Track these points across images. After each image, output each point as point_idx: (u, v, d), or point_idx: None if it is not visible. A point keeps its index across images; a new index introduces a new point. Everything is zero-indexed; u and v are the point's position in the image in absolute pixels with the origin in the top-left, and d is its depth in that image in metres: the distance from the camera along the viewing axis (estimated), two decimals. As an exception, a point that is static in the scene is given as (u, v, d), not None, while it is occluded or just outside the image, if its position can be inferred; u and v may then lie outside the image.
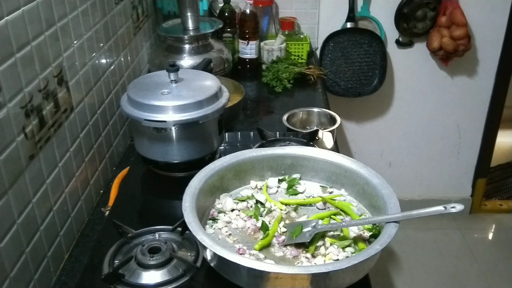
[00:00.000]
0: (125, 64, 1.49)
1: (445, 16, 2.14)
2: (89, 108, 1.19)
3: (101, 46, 1.28)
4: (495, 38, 2.28)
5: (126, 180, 1.24)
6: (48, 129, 0.98)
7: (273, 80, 1.82)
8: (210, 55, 1.67)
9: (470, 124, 2.51)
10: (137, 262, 0.91)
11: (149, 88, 1.16)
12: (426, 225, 2.63)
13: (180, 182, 1.04)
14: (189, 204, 0.91)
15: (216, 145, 1.23)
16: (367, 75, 2.25)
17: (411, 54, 2.32)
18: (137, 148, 1.22)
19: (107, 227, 1.06)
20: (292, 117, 1.49)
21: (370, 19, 2.21)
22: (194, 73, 1.28)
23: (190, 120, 1.11)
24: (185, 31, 1.70)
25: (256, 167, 1.09)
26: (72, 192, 1.09)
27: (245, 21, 1.89)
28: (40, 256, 0.96)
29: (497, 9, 2.21)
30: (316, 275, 0.77)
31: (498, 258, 2.43)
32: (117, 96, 1.39)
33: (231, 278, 0.84)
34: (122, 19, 1.47)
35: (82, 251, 1.07)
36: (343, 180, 1.06)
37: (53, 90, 1.00)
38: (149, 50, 1.78)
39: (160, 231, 1.00)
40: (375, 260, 0.85)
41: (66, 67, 1.07)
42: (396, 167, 2.64)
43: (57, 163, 1.02)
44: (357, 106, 2.42)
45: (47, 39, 0.98)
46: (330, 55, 2.20)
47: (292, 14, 2.14)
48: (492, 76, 2.37)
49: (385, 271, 2.35)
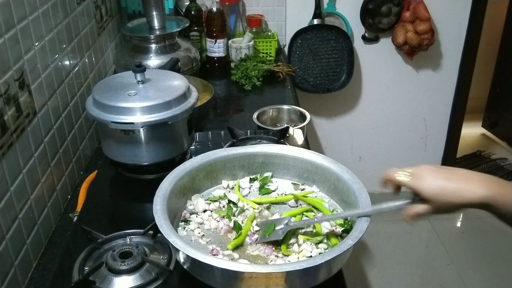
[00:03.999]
0: (89, 66, 1.46)
1: (409, 11, 2.18)
2: (53, 112, 1.16)
3: (63, 47, 1.25)
4: (458, 32, 2.34)
5: (94, 184, 1.22)
6: (10, 134, 0.95)
7: (242, 78, 1.81)
8: (177, 54, 1.65)
9: (436, 116, 2.57)
10: (108, 268, 0.89)
11: (116, 90, 1.14)
12: (396, 217, 2.66)
13: (150, 184, 1.02)
14: (160, 207, 0.89)
15: (186, 146, 1.22)
16: (335, 71, 2.27)
17: (377, 49, 2.35)
18: (105, 151, 1.20)
19: (76, 233, 1.04)
20: (262, 115, 1.49)
21: (337, 15, 2.24)
22: (161, 73, 1.26)
23: (158, 121, 1.09)
24: (151, 30, 1.67)
25: (228, 167, 1.09)
26: (38, 199, 1.06)
27: (212, 19, 1.88)
28: (7, 266, 0.93)
29: (459, 3, 2.27)
30: (290, 273, 0.77)
31: (467, 246, 2.50)
32: (82, 98, 1.36)
33: (205, 279, 0.83)
34: (85, 19, 1.43)
35: (51, 259, 1.04)
36: (314, 176, 1.07)
37: (15, 94, 0.97)
38: (114, 50, 1.75)
39: (131, 235, 0.98)
40: (348, 255, 0.86)
41: (28, 70, 1.03)
42: (366, 161, 2.68)
43: (21, 170, 0.99)
44: (326, 102, 2.45)
45: (7, 41, 0.94)
46: (298, 52, 2.21)
47: (259, 12, 2.14)
48: (456, 69, 2.43)
49: (358, 265, 2.38)
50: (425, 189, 0.76)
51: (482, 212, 0.74)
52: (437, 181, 0.75)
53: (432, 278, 2.31)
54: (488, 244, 2.50)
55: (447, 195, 0.73)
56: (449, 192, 0.73)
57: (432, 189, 0.75)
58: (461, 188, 0.72)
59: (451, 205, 0.73)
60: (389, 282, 2.29)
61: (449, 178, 0.74)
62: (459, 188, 0.72)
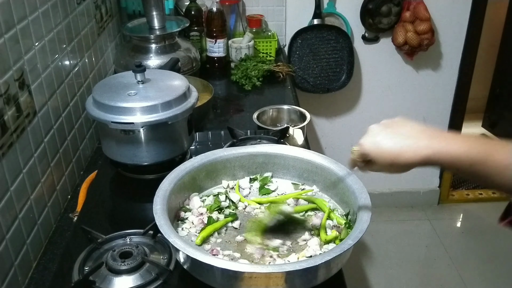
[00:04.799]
0: (89, 66, 1.45)
1: (409, 11, 2.18)
2: (53, 112, 1.16)
3: (63, 47, 1.25)
4: (458, 32, 2.33)
5: (95, 184, 1.22)
6: (11, 134, 0.95)
7: (242, 78, 1.81)
8: (177, 54, 1.65)
9: (436, 116, 2.56)
10: (108, 268, 0.89)
11: (116, 90, 1.14)
12: (396, 217, 2.68)
13: (150, 184, 1.02)
14: (160, 207, 0.89)
15: (187, 146, 1.22)
16: (335, 71, 2.27)
17: (377, 49, 2.35)
18: (105, 151, 1.20)
19: (76, 233, 1.04)
20: (262, 115, 1.49)
21: (337, 15, 2.23)
22: (162, 73, 1.26)
23: (158, 121, 1.09)
24: (151, 30, 1.67)
25: (228, 167, 1.09)
26: (38, 199, 1.06)
27: (212, 19, 1.88)
28: (7, 266, 0.93)
29: (459, 3, 2.26)
30: (290, 273, 0.77)
31: (467, 246, 2.50)
32: (82, 98, 1.36)
33: (205, 279, 0.83)
34: (85, 20, 1.43)
35: (51, 259, 1.04)
36: (314, 176, 1.07)
37: (15, 94, 0.97)
38: (114, 50, 1.75)
39: (131, 235, 0.98)
40: (348, 255, 0.86)
41: (28, 70, 1.03)
42: (366, 161, 2.68)
43: (21, 170, 0.99)
44: (326, 102, 2.44)
45: (7, 41, 0.94)
46: (298, 52, 2.21)
47: (259, 12, 2.14)
48: (456, 69, 2.43)
49: (358, 265, 2.38)
50: (371, 155, 0.76)
51: (482, 212, 0.74)
52: (379, 144, 0.75)
53: (432, 278, 2.31)
54: (488, 244, 2.50)
55: (390, 156, 0.73)
56: (392, 155, 0.73)
57: (376, 154, 0.75)
58: (403, 150, 0.72)
59: (397, 166, 0.73)
60: (389, 282, 2.29)
61: (392, 139, 0.74)
62: (401, 150, 0.72)
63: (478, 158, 0.66)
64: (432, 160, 0.70)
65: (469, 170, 0.67)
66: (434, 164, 0.70)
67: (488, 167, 0.65)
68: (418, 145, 0.70)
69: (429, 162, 0.70)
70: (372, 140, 0.76)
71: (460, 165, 0.68)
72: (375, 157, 0.75)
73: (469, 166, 0.67)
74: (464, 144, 0.68)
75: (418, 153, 0.70)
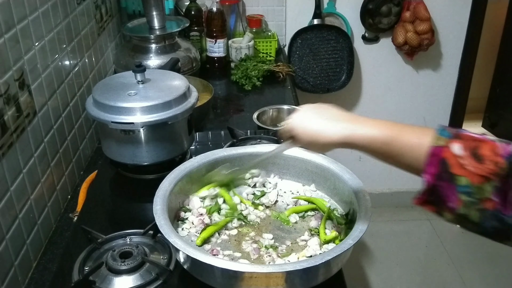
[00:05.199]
0: (89, 66, 1.45)
1: (409, 11, 2.18)
2: (53, 112, 1.16)
3: (63, 47, 1.25)
4: (458, 32, 2.33)
5: (94, 184, 1.22)
6: (11, 134, 0.95)
7: (242, 78, 1.81)
8: (177, 54, 1.65)
9: (436, 116, 2.56)
10: (108, 268, 0.89)
11: (116, 90, 1.14)
12: (396, 217, 2.68)
13: (150, 184, 1.02)
14: (160, 207, 0.89)
15: (187, 146, 1.22)
16: (335, 71, 2.27)
17: (377, 49, 2.35)
18: (105, 151, 1.20)
19: (76, 233, 1.04)
20: (262, 115, 1.49)
21: (337, 15, 2.23)
22: (162, 73, 1.26)
23: (158, 121, 1.09)
24: (151, 30, 1.67)
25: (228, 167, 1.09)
26: (38, 199, 1.06)
27: (212, 19, 1.88)
28: (7, 266, 0.93)
29: (459, 3, 2.26)
30: (290, 273, 0.77)
31: (466, 246, 2.50)
32: (82, 98, 1.36)
33: (205, 279, 0.83)
34: (85, 20, 1.43)
35: (51, 259, 1.04)
36: (314, 176, 1.07)
37: (15, 94, 0.97)
38: (114, 50, 1.75)
39: (131, 235, 0.98)
40: (348, 255, 0.86)
41: (28, 70, 1.03)
42: (366, 161, 2.67)
43: (21, 170, 0.99)
44: (326, 102, 2.39)
45: (7, 41, 0.94)
46: (298, 52, 2.21)
47: (259, 12, 2.14)
48: (456, 69, 2.43)
49: (358, 265, 2.38)
50: (294, 131, 0.82)
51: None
52: (303, 123, 0.81)
53: (432, 278, 2.31)
54: (488, 244, 2.46)
55: (310, 135, 0.79)
56: (313, 134, 0.79)
57: (298, 131, 0.81)
58: (323, 130, 0.77)
59: (316, 144, 0.79)
60: (389, 282, 2.29)
61: (316, 119, 0.80)
62: (321, 130, 0.78)
63: (388, 138, 0.71)
64: (348, 141, 0.75)
65: (381, 150, 0.72)
66: (350, 145, 0.75)
67: (397, 146, 0.71)
68: (336, 127, 0.76)
69: (346, 143, 0.75)
70: (298, 118, 0.82)
71: (373, 146, 0.73)
72: (298, 134, 0.81)
73: (381, 145, 0.72)
74: (376, 126, 0.73)
75: (335, 134, 0.76)
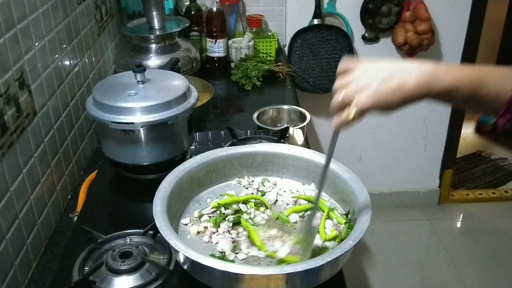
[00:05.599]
0: (89, 66, 1.45)
1: (409, 11, 2.18)
2: (53, 112, 1.16)
3: (63, 47, 1.25)
4: (458, 32, 2.33)
5: (95, 184, 1.22)
6: (11, 134, 0.95)
7: (242, 78, 1.81)
8: (177, 54, 1.65)
9: (436, 117, 2.56)
10: (108, 268, 0.89)
11: (116, 90, 1.14)
12: (396, 217, 2.68)
13: (150, 184, 1.02)
14: (160, 208, 0.89)
15: (187, 146, 1.22)
16: (335, 71, 2.23)
17: (377, 49, 2.35)
18: (105, 151, 1.20)
19: (76, 233, 1.03)
20: (262, 115, 1.49)
21: (337, 15, 2.23)
22: (162, 73, 1.26)
23: (158, 121, 1.09)
24: (151, 30, 1.67)
25: (227, 166, 1.09)
26: (38, 199, 1.06)
27: (212, 19, 1.88)
28: (7, 266, 0.93)
29: (459, 3, 2.26)
30: (291, 274, 0.77)
31: (466, 246, 2.50)
32: (82, 98, 1.36)
33: (205, 280, 0.83)
34: (85, 20, 1.43)
35: (51, 259, 1.04)
36: (314, 176, 1.07)
37: (15, 94, 0.97)
38: (114, 50, 1.75)
39: (131, 235, 0.98)
40: (348, 255, 0.86)
41: (28, 70, 1.03)
42: (366, 161, 2.68)
43: (21, 170, 0.99)
44: (327, 102, 2.41)
45: (7, 41, 0.94)
46: (298, 52, 2.21)
47: (259, 12, 2.14)
48: (456, 69, 2.43)
49: (358, 265, 2.38)
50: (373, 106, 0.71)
51: (482, 212, 0.74)
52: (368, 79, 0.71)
53: (432, 278, 2.31)
54: (488, 244, 2.50)
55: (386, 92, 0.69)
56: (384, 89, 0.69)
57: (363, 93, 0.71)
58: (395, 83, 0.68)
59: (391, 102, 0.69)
60: (389, 282, 2.29)
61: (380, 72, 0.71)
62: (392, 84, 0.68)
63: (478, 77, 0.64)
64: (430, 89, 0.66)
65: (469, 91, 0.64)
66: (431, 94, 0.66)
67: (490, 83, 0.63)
68: (411, 76, 0.67)
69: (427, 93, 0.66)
70: (357, 79, 0.72)
71: (460, 88, 0.64)
72: (364, 98, 0.70)
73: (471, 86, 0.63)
74: (460, 68, 0.65)
75: (415, 83, 0.66)
